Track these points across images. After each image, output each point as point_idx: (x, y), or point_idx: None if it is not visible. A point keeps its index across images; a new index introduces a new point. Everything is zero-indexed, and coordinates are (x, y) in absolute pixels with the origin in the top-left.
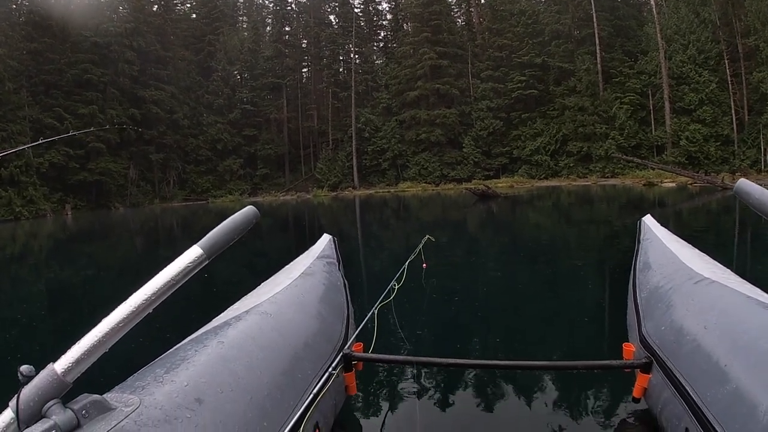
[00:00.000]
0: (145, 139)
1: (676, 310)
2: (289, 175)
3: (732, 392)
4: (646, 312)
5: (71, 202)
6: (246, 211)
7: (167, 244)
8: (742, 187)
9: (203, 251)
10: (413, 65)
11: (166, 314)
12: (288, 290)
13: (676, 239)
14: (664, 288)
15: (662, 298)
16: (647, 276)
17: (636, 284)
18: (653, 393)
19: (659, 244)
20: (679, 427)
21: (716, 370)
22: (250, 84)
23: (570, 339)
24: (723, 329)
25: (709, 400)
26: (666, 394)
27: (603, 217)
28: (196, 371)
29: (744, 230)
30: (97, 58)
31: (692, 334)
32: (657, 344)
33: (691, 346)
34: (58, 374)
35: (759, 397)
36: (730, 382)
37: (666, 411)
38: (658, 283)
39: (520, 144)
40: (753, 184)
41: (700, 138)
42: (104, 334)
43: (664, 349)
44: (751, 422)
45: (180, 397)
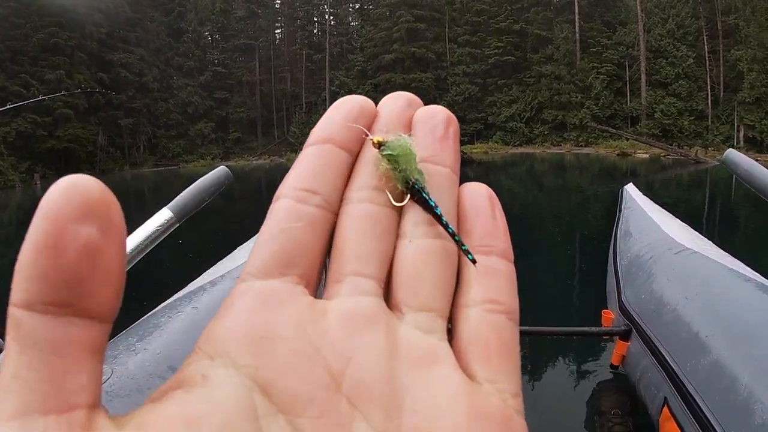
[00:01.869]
0: (113, 104)
1: (656, 279)
2: (261, 139)
3: (712, 363)
4: (626, 280)
5: (40, 171)
6: (217, 171)
7: (139, 210)
8: (730, 157)
9: (173, 214)
10: (389, 28)
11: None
12: None
13: (658, 209)
14: (645, 257)
15: (643, 266)
16: (628, 244)
17: (617, 252)
18: (632, 361)
19: (641, 213)
20: (658, 396)
21: (697, 341)
22: (222, 45)
23: (548, 305)
24: (704, 300)
25: (689, 370)
26: (645, 362)
27: (577, 185)
28: (169, 339)
29: (713, 204)
30: (63, 21)
31: (673, 303)
32: (637, 312)
33: (672, 316)
34: None
35: (740, 370)
36: (710, 353)
37: (644, 379)
38: (638, 252)
39: (496, 110)
40: (741, 155)
41: (675, 111)
42: None
43: (644, 318)
44: (732, 394)
45: (152, 365)
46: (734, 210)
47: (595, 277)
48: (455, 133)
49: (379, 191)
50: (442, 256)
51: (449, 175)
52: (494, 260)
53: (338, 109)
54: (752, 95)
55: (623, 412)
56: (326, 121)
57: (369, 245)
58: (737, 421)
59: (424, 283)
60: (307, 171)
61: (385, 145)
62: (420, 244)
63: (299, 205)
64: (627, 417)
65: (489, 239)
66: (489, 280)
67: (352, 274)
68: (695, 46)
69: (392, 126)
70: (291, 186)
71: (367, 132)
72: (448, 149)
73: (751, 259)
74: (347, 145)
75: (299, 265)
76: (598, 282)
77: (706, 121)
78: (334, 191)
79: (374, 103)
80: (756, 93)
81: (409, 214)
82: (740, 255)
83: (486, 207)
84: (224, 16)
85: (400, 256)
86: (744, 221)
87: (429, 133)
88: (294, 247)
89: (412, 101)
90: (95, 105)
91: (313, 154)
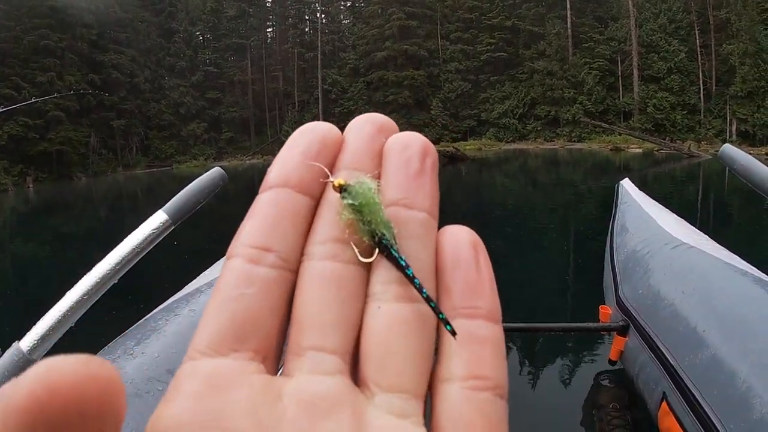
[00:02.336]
0: (105, 105)
1: (653, 275)
2: (254, 139)
3: (710, 358)
4: (623, 275)
5: (32, 174)
6: (212, 172)
7: (132, 212)
8: (726, 152)
9: (168, 216)
10: (381, 25)
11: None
12: None
13: (654, 204)
14: (641, 252)
15: (640, 261)
16: (625, 239)
17: (613, 247)
18: (630, 356)
19: (637, 208)
20: (656, 390)
21: (694, 336)
22: (213, 45)
23: (545, 301)
24: (701, 295)
25: (687, 365)
26: (643, 357)
27: (571, 180)
28: (167, 341)
29: (707, 198)
30: (54, 23)
31: (670, 298)
32: (634, 308)
33: (669, 311)
34: (24, 352)
35: (738, 364)
36: (708, 348)
37: (643, 374)
38: (635, 247)
39: (489, 107)
40: (738, 149)
41: (667, 106)
42: (69, 308)
43: (642, 313)
44: (730, 388)
45: (151, 369)
46: (727, 203)
47: (592, 272)
48: (433, 167)
49: (343, 244)
50: (417, 324)
51: (425, 220)
52: (479, 324)
53: (296, 142)
54: (744, 89)
55: (621, 406)
56: (282, 160)
57: (332, 313)
58: (736, 414)
59: (396, 358)
60: (261, 223)
61: (347, 190)
62: (391, 311)
63: (251, 267)
64: (625, 411)
65: (472, 298)
66: (472, 350)
67: (312, 348)
68: (687, 41)
69: (359, 159)
70: (243, 242)
71: (328, 172)
72: (424, 187)
73: (744, 251)
74: (307, 188)
75: (253, 339)
76: (595, 277)
77: (698, 115)
78: (293, 246)
79: (368, 100)
80: (748, 87)
81: (379, 271)
82: (733, 248)
83: (468, 257)
84: (215, 15)
85: (369, 325)
86: (737, 214)
87: (402, 168)
88: (246, 318)
89: (382, 126)
90: (87, 107)
91: (268, 201)
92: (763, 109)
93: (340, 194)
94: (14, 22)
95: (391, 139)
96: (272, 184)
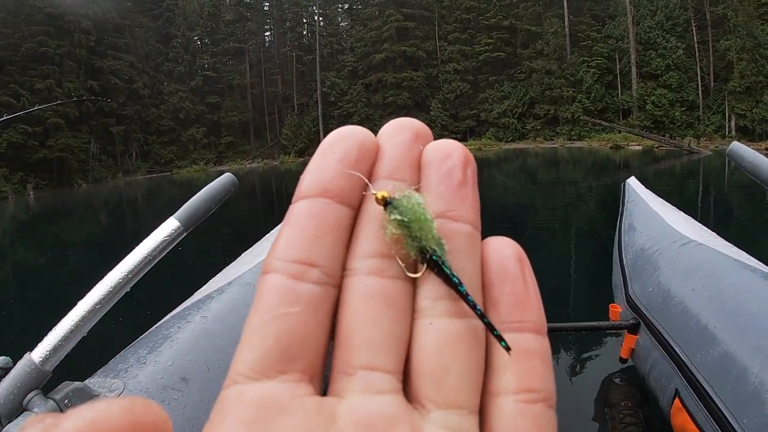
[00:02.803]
0: (104, 112)
1: (663, 272)
2: (254, 142)
3: (722, 355)
4: (632, 274)
5: (33, 181)
6: (223, 178)
7: (134, 218)
8: (735, 150)
9: (180, 223)
10: (379, 27)
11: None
12: None
13: (661, 201)
14: (650, 250)
15: (649, 259)
16: (633, 238)
17: (622, 246)
18: (641, 354)
19: (644, 206)
20: (669, 387)
21: (705, 333)
22: (212, 50)
23: (554, 300)
24: (711, 292)
25: (699, 362)
26: (654, 355)
27: (572, 179)
28: (180, 349)
29: (707, 193)
30: (52, 30)
31: (680, 296)
32: (644, 305)
33: (680, 308)
34: (36, 363)
35: (749, 360)
36: (719, 345)
37: (655, 372)
38: (644, 245)
39: (488, 107)
40: (746, 147)
41: (666, 103)
42: (81, 318)
43: (652, 311)
44: (742, 384)
45: (165, 377)
46: (728, 199)
47: (599, 270)
48: (474, 176)
49: (388, 259)
50: (470, 340)
51: (470, 232)
52: (528, 338)
53: (332, 149)
54: (742, 84)
55: (633, 404)
56: (318, 167)
57: (383, 331)
58: (750, 410)
59: (452, 374)
60: (301, 235)
61: (392, 204)
62: (443, 327)
63: (295, 283)
64: (637, 409)
65: (521, 312)
66: (523, 363)
67: (364, 368)
68: (684, 37)
69: (399, 169)
70: (282, 256)
71: (368, 183)
72: (468, 199)
73: (747, 247)
74: (347, 198)
75: (301, 359)
76: (602, 275)
77: (697, 111)
78: (336, 260)
79: (367, 102)
80: (746, 82)
81: (426, 286)
82: (736, 243)
83: (516, 271)
84: (213, 20)
85: (421, 342)
86: (738, 210)
87: (445, 179)
88: (293, 338)
89: (419, 133)
90: (86, 113)
91: (305, 211)
92: (761, 104)
93: (385, 208)
94: (12, 30)
95: (429, 147)
96: (309, 193)
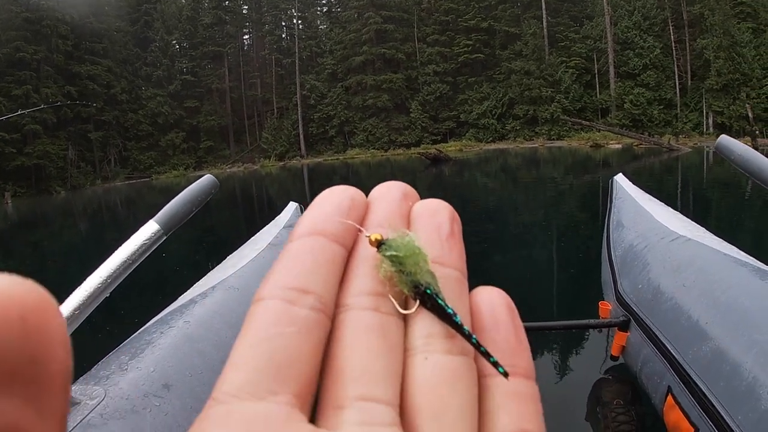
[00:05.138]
0: (82, 117)
1: (652, 269)
2: (234, 147)
3: (714, 350)
4: (621, 270)
5: (10, 189)
6: (203, 180)
7: (114, 225)
8: (723, 143)
9: (160, 226)
10: (358, 30)
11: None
12: (254, 263)
13: (649, 198)
14: (639, 246)
15: (638, 256)
16: (621, 234)
17: (610, 243)
18: (632, 351)
19: (632, 203)
20: (661, 384)
21: (697, 329)
22: (190, 53)
23: (543, 299)
24: (702, 287)
25: (691, 358)
26: (645, 352)
27: (553, 178)
28: (162, 355)
29: (686, 189)
30: (29, 35)
31: (670, 292)
32: (634, 302)
33: (670, 305)
34: None
35: (742, 356)
36: (711, 341)
37: (646, 369)
38: (633, 242)
39: (467, 108)
40: (735, 140)
41: (644, 101)
42: None
43: (642, 308)
44: (736, 380)
45: (147, 384)
46: (707, 194)
47: (587, 267)
48: (460, 231)
49: (382, 297)
50: (467, 376)
51: (460, 278)
52: (520, 383)
53: (326, 200)
54: (719, 82)
55: (625, 402)
56: (314, 213)
57: (380, 363)
58: (744, 406)
59: (451, 410)
60: (298, 266)
61: (386, 243)
62: (440, 362)
63: (290, 307)
64: (629, 406)
65: (512, 357)
66: (517, 406)
67: (360, 399)
68: (662, 37)
69: (389, 219)
70: (278, 285)
71: (360, 228)
72: (456, 249)
73: (728, 241)
74: (341, 239)
75: (294, 382)
76: (590, 273)
77: (675, 109)
78: (330, 291)
79: (347, 105)
80: (723, 80)
81: (419, 324)
82: (718, 237)
83: (507, 319)
84: (191, 23)
85: (416, 377)
86: (717, 204)
87: (434, 230)
88: (288, 357)
89: (407, 193)
90: (64, 119)
91: (302, 247)
92: (738, 101)
93: (378, 249)
94: None
95: (419, 204)
96: (305, 233)
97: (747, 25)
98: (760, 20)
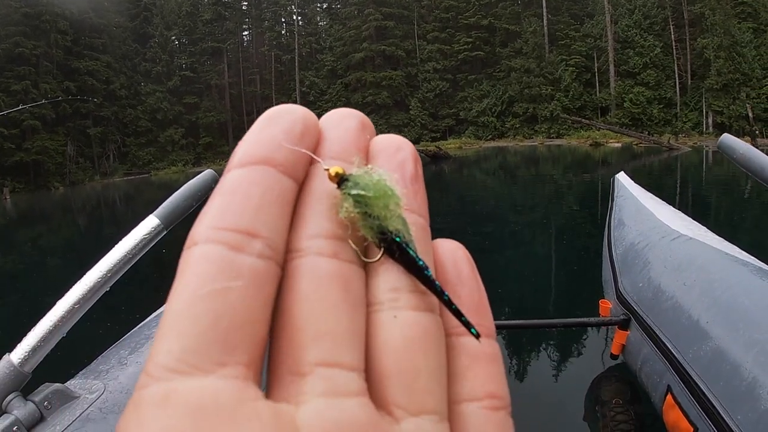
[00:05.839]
0: (81, 113)
1: (653, 267)
2: (233, 143)
3: (714, 350)
4: (622, 269)
5: (9, 185)
6: (204, 174)
7: (112, 221)
8: (726, 142)
9: (160, 221)
10: (358, 26)
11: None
12: None
13: (650, 196)
14: (640, 245)
15: (639, 254)
16: (622, 233)
17: (611, 241)
18: (632, 350)
19: (634, 201)
20: (661, 383)
21: (697, 328)
22: (189, 49)
23: (542, 296)
24: (703, 286)
25: (691, 357)
26: (645, 350)
27: (553, 176)
28: None
29: (686, 189)
30: (28, 30)
31: (671, 291)
32: (635, 301)
33: (671, 303)
34: (15, 365)
35: (742, 355)
36: (712, 340)
37: (646, 367)
38: (633, 240)
39: (467, 105)
40: (737, 139)
41: (644, 100)
42: (60, 318)
43: (643, 306)
44: (735, 380)
45: None
46: (707, 193)
47: (587, 265)
48: (421, 173)
49: (342, 242)
50: (437, 336)
51: (424, 226)
52: (486, 342)
53: (274, 120)
54: (719, 82)
55: (625, 401)
56: (258, 137)
57: (344, 321)
58: (743, 406)
59: (423, 375)
60: (242, 202)
61: (350, 180)
62: (410, 321)
63: (235, 255)
64: (629, 406)
65: (477, 315)
66: (485, 368)
67: (324, 364)
68: (662, 36)
69: (347, 152)
70: (215, 225)
71: (316, 158)
72: (420, 194)
73: (727, 239)
74: (292, 170)
75: (244, 349)
76: (591, 271)
77: (674, 108)
78: (280, 234)
79: (347, 102)
80: (723, 79)
81: (384, 276)
82: (718, 236)
83: (470, 275)
84: (191, 19)
85: (384, 337)
86: (717, 203)
87: (398, 170)
88: (235, 319)
89: (365, 123)
90: (63, 115)
91: (246, 179)
92: (738, 101)
93: (339, 186)
94: None
95: (379, 138)
96: (248, 161)
97: (747, 25)
98: (760, 20)
